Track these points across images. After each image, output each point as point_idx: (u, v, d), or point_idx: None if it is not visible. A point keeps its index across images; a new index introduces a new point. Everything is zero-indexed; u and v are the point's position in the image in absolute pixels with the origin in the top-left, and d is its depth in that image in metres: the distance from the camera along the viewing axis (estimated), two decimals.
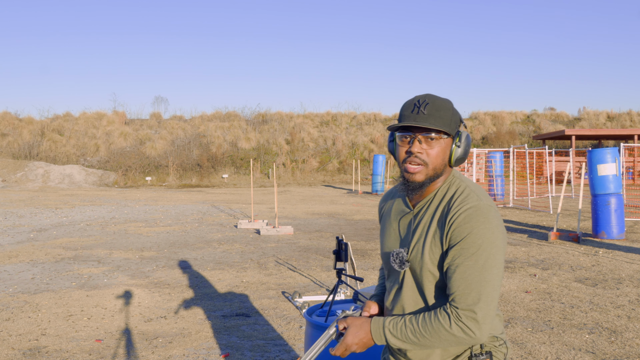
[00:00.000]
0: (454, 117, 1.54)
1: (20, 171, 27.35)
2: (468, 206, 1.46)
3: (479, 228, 1.42)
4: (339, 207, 15.80)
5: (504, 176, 19.65)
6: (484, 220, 1.43)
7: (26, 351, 4.03)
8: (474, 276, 1.40)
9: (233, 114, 36.08)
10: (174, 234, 10.31)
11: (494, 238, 1.43)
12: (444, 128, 1.50)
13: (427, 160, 1.51)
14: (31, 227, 11.26)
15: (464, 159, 1.58)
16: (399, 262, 1.56)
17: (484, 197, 1.50)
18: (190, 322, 4.73)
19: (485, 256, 1.41)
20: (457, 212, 1.46)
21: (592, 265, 7.06)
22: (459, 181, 1.56)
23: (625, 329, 4.42)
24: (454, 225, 1.45)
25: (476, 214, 1.44)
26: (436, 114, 1.50)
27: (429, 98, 1.53)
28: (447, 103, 1.54)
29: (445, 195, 1.54)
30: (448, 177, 1.58)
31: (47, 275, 6.65)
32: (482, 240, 1.42)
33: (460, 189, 1.53)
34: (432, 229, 1.51)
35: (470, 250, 1.42)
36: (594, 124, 35.60)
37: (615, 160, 9.22)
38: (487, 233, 1.43)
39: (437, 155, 1.52)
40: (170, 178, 28.75)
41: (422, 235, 1.53)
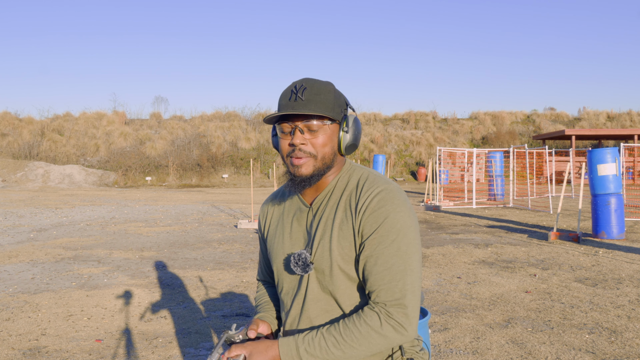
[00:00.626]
0: (337, 100, 1.38)
1: (20, 171, 27.35)
2: (379, 189, 1.32)
3: (395, 212, 1.29)
4: None
5: (504, 176, 19.67)
6: (398, 203, 1.31)
7: (26, 351, 4.03)
8: (398, 265, 1.25)
9: (233, 114, 36.08)
10: (174, 234, 10.31)
11: (411, 222, 1.31)
12: (327, 113, 1.34)
13: (313, 152, 1.35)
14: (31, 227, 11.26)
15: (355, 146, 1.42)
16: (302, 265, 1.34)
17: (390, 182, 1.37)
18: (190, 322, 4.73)
19: (407, 242, 1.28)
20: (368, 197, 1.31)
21: (592, 265, 7.06)
22: (359, 169, 1.42)
23: (625, 329, 4.42)
24: (367, 211, 1.30)
25: (389, 196, 1.31)
26: (316, 98, 1.34)
27: (307, 82, 1.37)
28: (328, 85, 1.38)
29: (347, 185, 1.38)
30: (344, 167, 1.43)
31: (47, 275, 6.65)
32: (401, 225, 1.28)
33: (363, 175, 1.39)
34: (338, 222, 1.34)
35: (390, 237, 1.27)
36: (594, 124, 35.60)
37: (615, 160, 9.22)
38: (403, 216, 1.30)
39: (323, 143, 1.36)
40: (170, 178, 28.75)
41: (325, 231, 1.35)
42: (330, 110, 1.35)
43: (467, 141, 33.85)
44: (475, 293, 5.63)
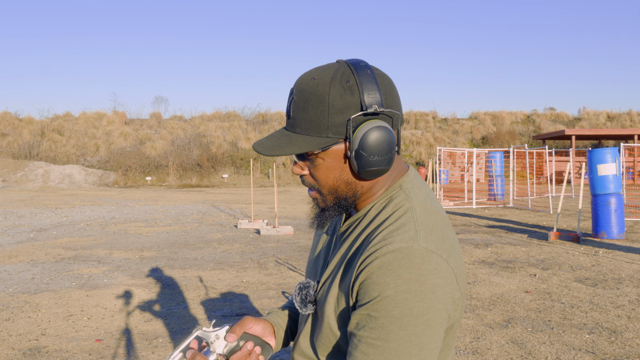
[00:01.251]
0: (334, 110, 0.95)
1: (20, 171, 27.35)
2: (391, 248, 0.89)
3: (398, 289, 0.87)
4: None
5: (504, 176, 19.67)
6: (409, 277, 0.87)
7: (26, 351, 4.03)
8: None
9: (233, 114, 36.09)
10: (174, 234, 10.31)
11: (425, 309, 0.87)
12: (308, 146, 0.96)
13: (315, 185, 1.02)
14: (31, 227, 11.26)
15: (376, 170, 0.97)
16: (300, 301, 1.06)
17: (425, 234, 0.92)
18: (190, 322, 4.73)
19: (403, 337, 0.87)
20: (373, 254, 0.91)
21: (592, 265, 7.06)
22: (403, 197, 0.99)
23: (625, 329, 4.42)
24: (362, 274, 0.91)
25: (399, 263, 0.88)
26: (301, 116, 0.97)
27: (297, 88, 0.99)
28: (320, 90, 0.95)
29: (379, 214, 0.99)
30: (392, 187, 1.03)
31: (47, 275, 6.65)
32: (401, 310, 0.86)
33: (399, 212, 0.96)
34: (346, 263, 1.00)
35: (379, 322, 0.88)
36: (594, 124, 35.61)
37: (615, 160, 9.22)
38: (410, 299, 0.86)
39: (325, 175, 1.00)
40: (170, 178, 28.75)
41: (334, 270, 1.03)
42: (317, 132, 0.96)
43: (467, 141, 33.86)
44: (475, 293, 5.63)
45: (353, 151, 0.95)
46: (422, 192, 1.02)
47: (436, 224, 0.96)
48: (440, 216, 0.99)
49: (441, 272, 0.89)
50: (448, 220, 1.02)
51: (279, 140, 1.00)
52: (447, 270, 0.91)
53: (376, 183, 1.02)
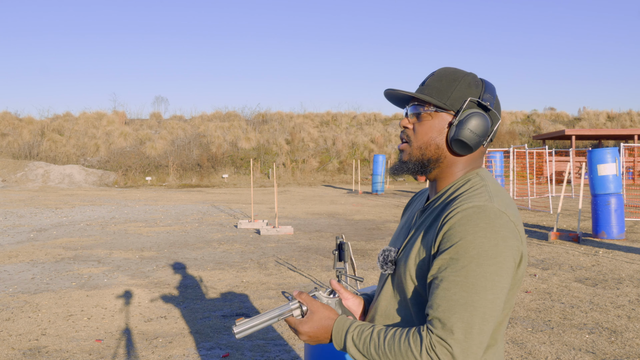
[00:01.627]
0: (461, 90, 1.22)
1: (20, 171, 27.35)
2: (470, 205, 1.11)
3: (475, 235, 1.06)
4: (339, 207, 15.79)
5: (504, 176, 19.66)
6: (485, 226, 1.07)
7: (26, 351, 4.03)
8: (459, 297, 1.04)
9: (233, 114, 36.09)
10: (174, 234, 10.31)
11: (494, 251, 1.06)
12: (431, 98, 1.21)
13: (411, 138, 1.25)
14: (31, 227, 11.26)
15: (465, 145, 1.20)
16: (382, 261, 1.28)
17: (498, 200, 1.13)
18: (190, 322, 4.73)
19: (480, 273, 1.05)
20: (455, 209, 1.12)
21: (592, 265, 7.06)
22: (479, 179, 1.21)
23: (625, 329, 4.42)
24: (446, 225, 1.11)
25: (477, 216, 1.08)
26: (434, 84, 1.23)
27: (440, 69, 1.27)
28: (458, 74, 1.24)
29: (456, 192, 1.20)
30: (470, 173, 1.24)
31: (47, 275, 6.65)
32: (477, 252, 1.06)
33: (475, 186, 1.18)
34: (425, 228, 1.20)
35: (460, 262, 1.06)
36: (594, 124, 35.61)
37: (615, 160, 9.22)
38: (485, 243, 1.06)
39: (424, 132, 1.23)
40: (170, 178, 28.76)
41: (415, 235, 1.23)
42: (443, 97, 1.21)
43: None
44: None
45: (457, 120, 1.20)
46: (494, 180, 1.23)
47: (506, 198, 1.17)
48: (509, 196, 1.20)
49: (510, 228, 1.10)
50: (515, 205, 1.20)
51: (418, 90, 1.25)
52: (515, 230, 1.11)
53: (456, 163, 1.25)
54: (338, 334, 1.19)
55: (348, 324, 1.19)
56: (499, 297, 1.05)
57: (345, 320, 1.20)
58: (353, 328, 1.17)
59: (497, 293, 1.05)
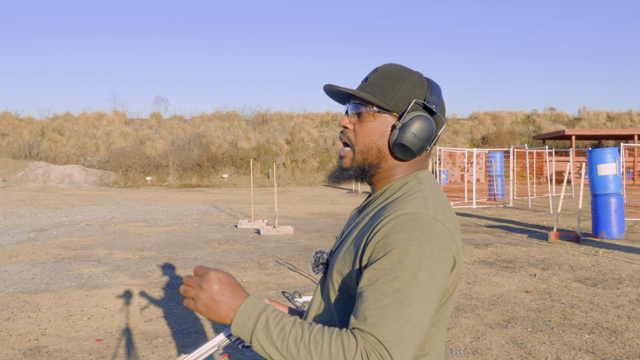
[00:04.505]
0: (406, 90, 1.14)
1: (20, 171, 27.35)
2: (403, 212, 1.03)
3: (410, 244, 0.98)
4: (339, 207, 15.79)
5: (504, 176, 19.67)
6: (419, 235, 0.99)
7: (26, 351, 4.03)
8: (391, 309, 0.95)
9: (233, 114, 36.09)
10: (174, 234, 10.31)
11: (431, 263, 0.98)
12: (377, 99, 1.13)
13: (353, 140, 1.16)
14: (31, 227, 11.26)
15: (407, 149, 1.13)
16: (313, 263, 1.20)
17: (433, 207, 1.05)
18: (190, 322, 4.73)
19: (413, 285, 0.96)
20: (387, 217, 1.04)
21: (592, 265, 7.06)
22: (416, 182, 1.13)
23: (625, 329, 4.42)
24: (378, 234, 1.02)
25: (411, 224, 1.00)
26: (377, 82, 1.15)
27: (384, 66, 1.18)
28: (403, 73, 1.16)
29: (393, 195, 1.12)
30: (408, 175, 1.17)
31: (47, 275, 6.65)
32: (412, 262, 0.97)
33: (411, 190, 1.10)
34: (356, 231, 1.13)
35: (393, 273, 0.97)
36: (594, 124, 35.61)
37: (615, 160, 9.22)
38: (420, 253, 0.98)
39: (365, 134, 1.15)
40: (170, 178, 28.75)
41: (347, 238, 1.16)
42: (387, 97, 1.13)
43: (467, 141, 33.87)
44: (475, 293, 5.63)
45: (401, 123, 1.13)
46: (433, 183, 1.16)
47: (442, 204, 1.10)
48: (446, 201, 1.13)
49: (445, 238, 1.03)
50: (453, 210, 1.13)
51: (359, 87, 1.18)
52: (450, 239, 1.04)
53: (397, 167, 1.18)
54: (248, 313, 0.98)
55: (263, 305, 0.99)
56: (429, 310, 0.98)
57: (258, 301, 1.00)
58: (271, 312, 0.98)
59: (428, 306, 0.97)
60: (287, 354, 0.94)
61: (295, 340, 0.95)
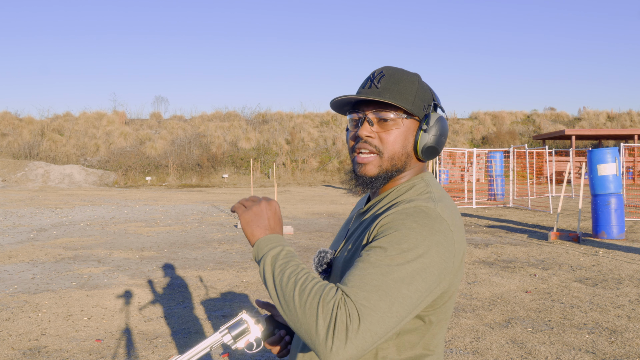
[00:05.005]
0: (420, 93, 1.17)
1: (20, 171, 27.35)
2: (413, 204, 1.06)
3: (412, 230, 1.00)
4: (339, 207, 15.80)
5: (504, 176, 19.66)
6: (423, 224, 1.01)
7: (26, 351, 4.03)
8: (374, 278, 0.95)
9: (233, 114, 36.08)
10: (174, 234, 10.31)
11: (428, 254, 0.99)
12: (402, 104, 1.13)
13: (380, 148, 1.15)
14: (31, 227, 11.26)
15: (436, 150, 1.18)
16: (317, 263, 1.20)
17: (441, 206, 1.08)
18: (190, 322, 4.73)
19: (403, 266, 0.96)
20: (395, 206, 1.08)
21: (592, 265, 7.06)
22: (424, 184, 1.16)
23: (625, 329, 4.42)
24: (384, 219, 1.05)
25: (417, 214, 1.03)
26: (393, 87, 1.15)
27: (387, 70, 1.18)
28: (411, 76, 1.19)
29: (400, 196, 1.14)
30: (415, 177, 1.19)
31: (47, 275, 6.65)
32: (409, 246, 0.98)
33: (419, 191, 1.13)
34: (361, 233, 1.14)
35: (388, 252, 0.98)
36: (594, 124, 35.61)
37: (615, 160, 9.22)
38: (420, 242, 0.99)
39: (394, 140, 1.15)
40: (170, 178, 28.75)
41: (352, 239, 1.17)
42: (408, 102, 1.15)
43: (467, 141, 33.86)
44: (475, 293, 5.63)
45: (429, 126, 1.16)
46: (439, 186, 1.19)
47: (449, 206, 1.11)
48: (453, 204, 1.14)
49: (447, 236, 1.03)
50: (459, 214, 1.15)
51: (373, 94, 1.15)
52: (452, 240, 1.04)
53: (414, 168, 1.20)
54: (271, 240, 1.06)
55: (285, 243, 1.07)
56: (412, 296, 0.96)
57: (286, 241, 1.09)
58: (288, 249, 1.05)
59: (412, 292, 0.96)
60: (278, 283, 0.99)
61: (290, 275, 0.99)
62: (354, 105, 1.19)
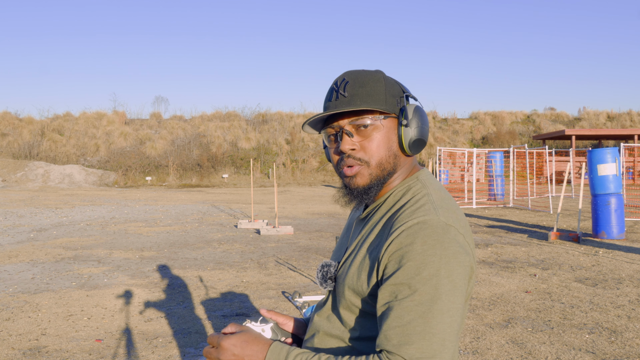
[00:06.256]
0: (390, 89, 1.13)
1: (20, 171, 27.35)
2: (416, 220, 1.01)
3: (426, 254, 0.98)
4: (339, 207, 15.76)
5: (504, 176, 19.66)
6: (434, 243, 0.99)
7: (26, 351, 4.03)
8: (415, 325, 0.94)
9: (233, 114, 36.09)
10: (174, 234, 10.31)
11: (450, 270, 0.98)
12: (376, 105, 1.09)
13: (366, 158, 1.11)
14: (31, 227, 11.26)
15: (422, 141, 1.14)
16: (321, 278, 1.16)
17: (443, 212, 1.05)
18: (190, 322, 4.73)
19: (435, 296, 0.95)
20: (399, 227, 1.02)
21: (592, 265, 7.06)
22: (420, 185, 1.13)
23: (625, 329, 4.42)
24: (392, 246, 1.01)
25: (424, 232, 0.99)
26: (361, 91, 1.11)
27: (349, 75, 1.14)
28: (375, 74, 1.14)
29: (398, 202, 1.11)
30: (410, 178, 1.16)
31: (47, 275, 6.65)
32: (430, 272, 0.97)
33: (417, 196, 1.09)
34: (367, 244, 1.10)
35: (412, 286, 0.96)
36: (594, 124, 35.60)
37: (615, 160, 9.22)
38: (437, 262, 0.97)
39: (378, 146, 1.11)
40: (170, 178, 28.75)
41: (356, 250, 1.13)
42: (380, 102, 1.11)
43: (467, 141, 33.86)
44: (475, 293, 5.63)
45: (408, 120, 1.11)
46: (437, 184, 1.16)
47: (451, 207, 1.09)
48: (453, 203, 1.12)
49: (459, 242, 1.02)
50: (460, 210, 1.13)
51: (342, 104, 1.11)
52: (464, 243, 1.04)
53: (406, 164, 1.17)
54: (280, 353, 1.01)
55: (287, 349, 1.02)
56: (455, 319, 0.97)
57: (280, 346, 1.03)
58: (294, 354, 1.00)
59: (453, 315, 0.96)
60: None
61: None
62: (326, 120, 1.15)
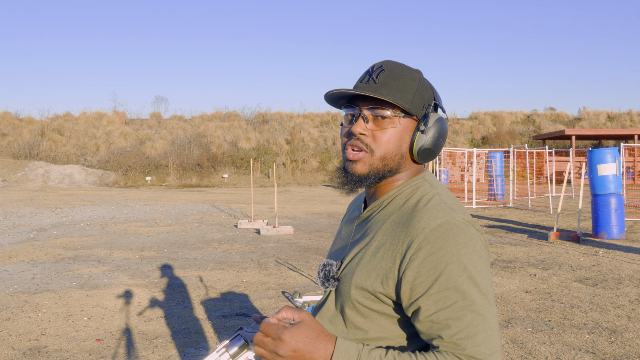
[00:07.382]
0: (421, 92, 1.11)
1: (20, 171, 27.35)
2: (437, 222, 1.01)
3: (460, 255, 0.99)
4: (339, 207, 15.79)
5: (504, 176, 19.66)
6: (464, 243, 1.00)
7: (26, 351, 4.03)
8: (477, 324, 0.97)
9: (233, 114, 36.08)
10: (174, 234, 10.31)
11: (482, 266, 1.01)
12: (400, 102, 1.07)
13: (373, 146, 1.09)
14: (31, 227, 11.26)
15: (433, 152, 1.11)
16: (322, 277, 1.13)
17: (458, 209, 1.07)
18: (190, 322, 4.73)
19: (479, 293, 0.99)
20: (422, 231, 1.01)
21: (592, 265, 7.06)
22: (428, 185, 1.12)
23: (625, 329, 4.42)
24: (420, 253, 1.00)
25: (450, 233, 1.00)
26: (392, 83, 1.09)
27: (387, 64, 1.12)
28: (412, 72, 1.12)
29: (407, 202, 1.09)
30: (415, 178, 1.14)
31: (47, 275, 6.65)
32: (469, 272, 0.99)
33: (427, 196, 1.09)
34: (375, 246, 1.07)
35: (459, 289, 0.98)
36: (594, 124, 35.60)
37: (615, 160, 9.22)
38: (471, 261, 1.00)
39: (388, 140, 1.09)
40: (170, 178, 28.75)
41: (360, 250, 1.10)
42: (406, 100, 1.09)
43: (467, 141, 33.86)
44: None
45: (427, 127, 1.10)
46: (444, 188, 1.16)
47: (460, 206, 1.11)
48: (460, 202, 1.14)
49: (481, 239, 1.04)
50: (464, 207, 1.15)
51: (370, 88, 1.09)
52: (483, 239, 1.06)
53: (411, 169, 1.15)
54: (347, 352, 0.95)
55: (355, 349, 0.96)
56: (496, 311, 1.02)
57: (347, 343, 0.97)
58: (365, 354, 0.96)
59: (494, 307, 1.01)
60: None
61: None
62: (349, 99, 1.13)
